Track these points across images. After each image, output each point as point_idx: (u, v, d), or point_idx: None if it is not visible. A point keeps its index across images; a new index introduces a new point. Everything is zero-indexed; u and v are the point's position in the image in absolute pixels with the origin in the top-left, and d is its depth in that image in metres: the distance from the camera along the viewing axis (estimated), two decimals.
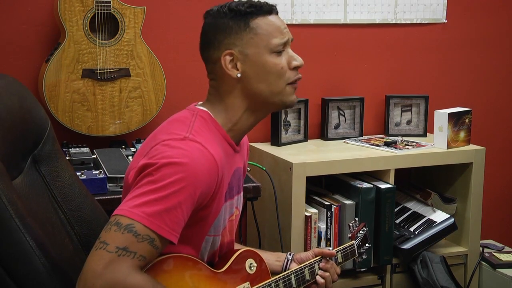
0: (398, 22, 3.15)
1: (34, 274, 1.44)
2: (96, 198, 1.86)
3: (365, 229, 2.07)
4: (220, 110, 1.64)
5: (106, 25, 2.50)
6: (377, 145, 2.89)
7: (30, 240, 1.43)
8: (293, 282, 1.78)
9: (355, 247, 2.01)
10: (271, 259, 1.90)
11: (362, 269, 2.74)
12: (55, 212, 1.70)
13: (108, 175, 2.22)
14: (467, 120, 2.93)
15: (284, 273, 1.78)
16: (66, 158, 1.83)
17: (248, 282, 1.71)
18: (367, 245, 2.06)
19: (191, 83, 2.81)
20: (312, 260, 1.87)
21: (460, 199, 2.96)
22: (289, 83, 1.64)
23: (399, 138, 2.95)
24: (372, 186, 2.68)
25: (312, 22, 3.01)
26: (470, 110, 2.96)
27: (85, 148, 2.46)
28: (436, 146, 2.89)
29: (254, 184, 2.40)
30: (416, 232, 2.81)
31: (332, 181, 2.83)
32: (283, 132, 2.91)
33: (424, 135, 3.11)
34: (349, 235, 2.05)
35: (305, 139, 2.99)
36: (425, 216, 2.88)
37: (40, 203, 1.66)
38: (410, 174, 3.17)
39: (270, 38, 1.60)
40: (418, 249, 2.78)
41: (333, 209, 2.66)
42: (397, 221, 2.88)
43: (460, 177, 2.95)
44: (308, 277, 1.84)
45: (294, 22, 2.96)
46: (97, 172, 2.22)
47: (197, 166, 1.48)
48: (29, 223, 1.45)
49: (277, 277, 1.76)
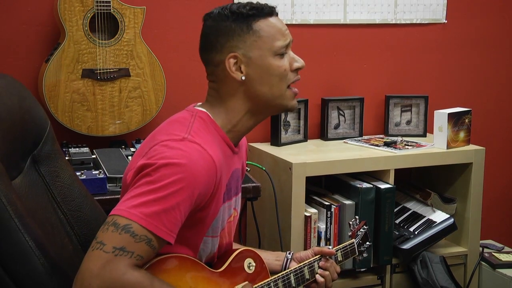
0: (398, 22, 3.15)
1: (34, 274, 1.44)
2: (96, 198, 1.85)
3: (366, 227, 2.07)
4: (220, 112, 1.64)
5: (106, 25, 2.50)
6: (377, 145, 2.89)
7: (30, 240, 1.43)
8: (293, 281, 1.78)
9: (355, 246, 2.01)
10: (271, 259, 1.90)
11: (362, 269, 2.73)
12: (55, 212, 1.70)
13: (108, 175, 2.22)
14: (467, 120, 2.93)
15: (283, 272, 1.78)
16: (66, 158, 1.83)
17: (247, 282, 1.71)
18: (368, 243, 2.05)
19: (191, 83, 2.81)
20: (312, 259, 1.86)
21: (460, 199, 2.96)
22: (289, 86, 1.64)
23: (399, 138, 2.95)
24: (372, 186, 2.68)
25: (312, 22, 3.01)
26: (470, 110, 2.96)
27: (85, 148, 2.46)
28: (436, 146, 2.89)
29: (254, 184, 2.40)
30: (416, 232, 2.81)
31: (332, 181, 2.83)
32: (283, 132, 2.91)
33: (424, 135, 3.11)
34: (349, 234, 2.05)
35: (305, 139, 2.99)
36: (425, 216, 2.88)
37: (40, 203, 1.66)
38: (410, 174, 3.17)
39: (273, 41, 1.61)
40: (418, 249, 2.78)
41: (333, 209, 2.66)
42: (397, 221, 2.88)
43: (460, 177, 2.95)
44: (308, 276, 1.84)
45: (294, 22, 2.96)
46: (97, 172, 2.22)
47: (196, 167, 1.48)
48: (29, 223, 1.45)
49: (276, 277, 1.76)
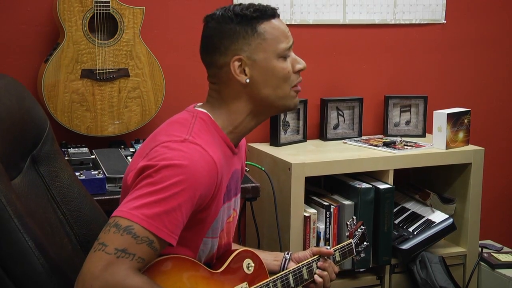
0: (397, 23, 3.15)
1: (33, 274, 1.44)
2: (95, 198, 1.85)
3: (363, 228, 2.07)
4: (222, 113, 1.64)
5: (105, 25, 2.50)
6: (376, 146, 2.89)
7: (29, 240, 1.43)
8: (291, 282, 1.78)
9: (353, 246, 2.01)
10: (269, 259, 1.90)
11: (361, 270, 2.74)
12: (54, 212, 1.70)
13: (107, 175, 2.22)
14: (466, 121, 2.93)
15: (282, 273, 1.78)
16: (65, 158, 1.84)
17: (246, 282, 1.71)
18: (365, 243, 2.06)
19: (190, 83, 2.81)
20: (310, 259, 1.86)
21: (459, 200, 2.96)
22: (293, 87, 1.65)
23: (398, 139, 2.95)
24: (371, 187, 2.68)
25: (311, 23, 3.01)
26: (469, 111, 2.96)
27: (84, 148, 2.46)
28: (435, 147, 2.89)
29: (253, 185, 2.40)
30: (415, 233, 2.81)
31: (331, 182, 2.83)
32: (282, 133, 2.91)
33: (423, 136, 3.11)
34: (347, 234, 2.05)
35: (304, 140, 2.99)
36: (424, 217, 2.88)
37: (39, 203, 1.66)
38: (409, 175, 3.17)
39: (278, 43, 1.61)
40: (417, 250, 2.78)
41: (332, 210, 2.66)
42: (396, 222, 2.89)
43: (459, 178, 2.95)
44: (306, 276, 1.84)
45: (293, 23, 2.96)
46: (96, 172, 2.22)
47: (197, 168, 1.48)
48: (28, 223, 1.45)
49: (275, 277, 1.76)
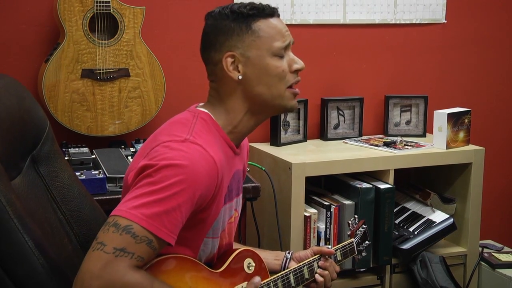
0: (398, 22, 3.15)
1: (33, 274, 1.44)
2: (95, 198, 1.85)
3: (365, 227, 2.07)
4: (221, 112, 1.64)
5: (106, 25, 2.50)
6: (377, 145, 2.89)
7: (29, 241, 1.43)
8: (292, 281, 1.78)
9: (354, 245, 2.01)
10: (270, 258, 1.90)
11: (362, 269, 2.74)
12: (54, 213, 1.70)
13: (108, 175, 2.22)
14: (467, 120, 2.93)
15: (283, 272, 1.78)
16: (65, 158, 1.84)
17: (247, 282, 1.71)
18: (367, 243, 2.05)
19: (191, 83, 2.81)
20: (311, 259, 1.86)
21: (460, 199, 2.96)
22: (289, 87, 1.64)
23: (399, 138, 2.95)
24: (372, 186, 2.68)
25: (312, 23, 3.01)
26: (470, 111, 2.96)
27: (85, 148, 2.46)
28: (436, 146, 2.89)
29: (254, 184, 2.40)
30: (416, 232, 2.81)
31: (332, 181, 2.83)
32: (283, 132, 2.91)
33: (424, 135, 3.11)
34: (348, 233, 2.05)
35: (305, 139, 2.99)
36: (425, 216, 2.88)
37: (39, 204, 1.66)
38: (410, 174, 3.17)
39: (272, 41, 1.60)
40: (418, 249, 2.78)
41: (333, 209, 2.66)
42: (397, 221, 2.88)
43: (460, 178, 2.95)
44: (307, 276, 1.83)
45: (294, 23, 2.96)
46: (97, 172, 2.22)
47: (197, 169, 1.48)
48: (28, 224, 1.45)
49: (276, 276, 1.75)
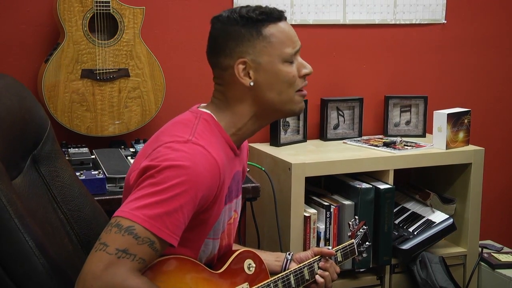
0: (397, 23, 3.15)
1: (33, 274, 1.44)
2: (96, 198, 1.85)
3: (365, 228, 2.07)
4: (226, 115, 1.63)
5: (105, 25, 2.50)
6: (376, 146, 2.89)
7: (30, 240, 1.43)
8: (292, 282, 1.78)
9: (355, 246, 2.01)
10: (271, 259, 1.89)
11: (361, 270, 2.74)
12: (55, 212, 1.70)
13: (107, 175, 2.22)
14: (466, 121, 2.93)
15: (283, 273, 1.78)
16: (66, 158, 1.83)
17: (247, 283, 1.71)
18: (367, 244, 2.05)
19: (191, 84, 2.80)
20: (312, 260, 1.86)
21: (459, 200, 2.96)
22: (298, 91, 1.64)
23: (398, 139, 2.95)
24: (371, 187, 2.68)
25: (312, 23, 3.01)
26: (469, 111, 2.96)
27: (84, 149, 2.46)
28: (435, 147, 2.89)
29: (253, 185, 2.40)
30: (415, 233, 2.81)
31: (331, 182, 2.83)
32: (282, 133, 2.91)
33: (423, 136, 3.11)
34: (349, 234, 2.05)
35: (304, 140, 2.99)
36: (424, 217, 2.88)
37: (40, 203, 1.66)
38: (409, 175, 3.17)
39: (283, 48, 1.60)
40: (417, 250, 2.78)
41: (332, 210, 2.66)
42: (396, 222, 2.88)
43: (459, 178, 2.95)
44: (308, 277, 1.83)
45: (294, 23, 2.96)
46: (96, 172, 2.22)
47: (199, 170, 1.48)
48: (29, 223, 1.45)
49: (276, 277, 1.75)
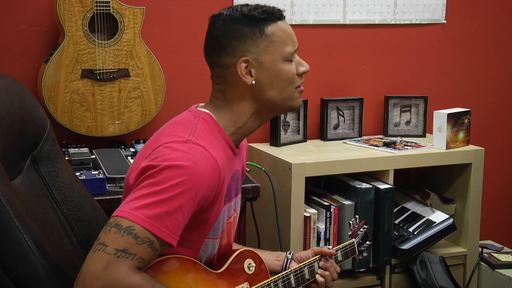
0: (397, 23, 3.15)
1: (33, 274, 1.44)
2: (95, 199, 1.85)
3: (366, 227, 2.07)
4: (225, 114, 1.63)
5: (106, 25, 2.50)
6: (376, 146, 2.89)
7: (29, 240, 1.43)
8: (293, 282, 1.78)
9: (355, 245, 2.01)
10: (271, 259, 1.89)
11: (361, 270, 2.74)
12: (55, 213, 1.70)
13: (107, 175, 2.22)
14: (466, 121, 2.93)
15: (283, 273, 1.78)
16: (66, 158, 1.83)
17: (247, 282, 1.71)
18: (368, 243, 2.05)
19: (191, 84, 2.81)
20: (312, 259, 1.86)
21: (459, 200, 2.96)
22: (296, 87, 1.65)
23: (398, 139, 2.95)
24: (371, 187, 2.68)
25: (312, 23, 3.01)
26: (469, 111, 2.96)
27: (84, 149, 2.46)
28: (435, 147, 2.89)
29: (253, 185, 2.40)
30: (415, 233, 2.81)
31: (331, 182, 2.83)
32: (283, 133, 2.91)
33: (423, 136, 3.11)
34: (349, 233, 2.05)
35: (304, 140, 2.99)
36: (424, 217, 2.88)
37: (39, 203, 1.66)
38: (409, 175, 3.17)
39: (285, 46, 1.61)
40: (417, 250, 2.78)
41: (332, 210, 2.66)
42: (396, 222, 2.88)
43: (459, 178, 2.95)
44: (308, 276, 1.83)
45: (294, 23, 2.95)
46: (96, 173, 2.22)
47: (199, 169, 1.48)
48: (28, 223, 1.45)
49: (276, 277, 1.75)
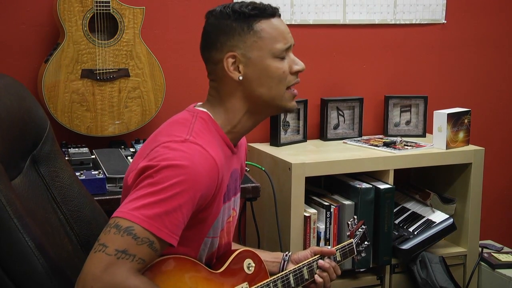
0: (397, 23, 3.15)
1: (33, 274, 1.44)
2: (95, 199, 1.85)
3: (364, 227, 2.07)
4: (220, 112, 1.63)
5: (105, 25, 2.50)
6: (376, 146, 2.89)
7: (29, 240, 1.43)
8: (292, 282, 1.78)
9: (354, 246, 2.01)
10: (269, 259, 1.89)
11: (361, 270, 2.74)
12: (54, 213, 1.70)
13: (107, 175, 2.22)
14: (466, 121, 2.93)
15: (283, 273, 1.78)
16: (65, 158, 1.83)
17: (247, 283, 1.71)
18: (366, 243, 2.05)
19: (190, 83, 2.81)
20: (311, 259, 1.86)
21: (459, 200, 2.96)
22: (288, 88, 1.64)
23: (398, 139, 2.95)
24: (371, 187, 2.68)
25: (312, 23, 3.01)
26: (469, 111, 2.96)
27: (84, 149, 2.46)
28: (435, 147, 2.89)
29: (253, 185, 2.40)
30: (415, 233, 2.81)
31: (331, 182, 2.83)
32: (282, 133, 2.91)
33: (423, 136, 3.11)
34: (348, 234, 2.05)
35: (304, 140, 2.99)
36: (424, 217, 2.88)
37: (39, 204, 1.66)
38: (409, 175, 3.17)
39: (274, 43, 1.60)
40: (417, 250, 2.78)
41: (332, 210, 2.66)
42: (396, 222, 2.88)
43: (459, 178, 2.95)
44: (307, 276, 1.83)
45: (294, 23, 2.96)
46: (96, 173, 2.22)
47: (198, 169, 1.48)
48: (28, 223, 1.45)
49: (276, 277, 1.75)
